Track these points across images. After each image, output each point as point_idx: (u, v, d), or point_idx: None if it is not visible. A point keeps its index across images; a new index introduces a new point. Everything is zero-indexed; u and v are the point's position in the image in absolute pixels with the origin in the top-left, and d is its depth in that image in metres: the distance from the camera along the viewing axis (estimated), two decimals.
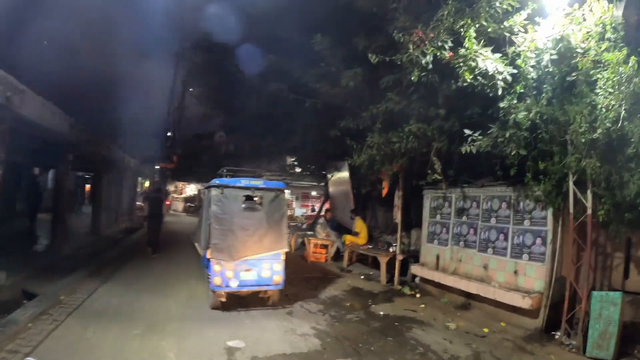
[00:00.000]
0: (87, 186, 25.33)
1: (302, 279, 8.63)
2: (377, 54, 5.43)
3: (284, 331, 5.43)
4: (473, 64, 4.96)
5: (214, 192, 6.16)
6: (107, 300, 6.34)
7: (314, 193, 25.04)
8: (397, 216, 8.74)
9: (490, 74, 5.06)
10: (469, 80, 4.99)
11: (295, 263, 10.60)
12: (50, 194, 11.52)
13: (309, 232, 12.84)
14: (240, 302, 6.43)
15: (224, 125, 31.99)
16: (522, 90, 5.23)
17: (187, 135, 28.19)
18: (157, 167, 23.79)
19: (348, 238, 10.42)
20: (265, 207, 6.32)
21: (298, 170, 16.61)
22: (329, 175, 13.07)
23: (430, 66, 5.12)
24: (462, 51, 4.95)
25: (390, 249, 9.02)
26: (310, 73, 7.52)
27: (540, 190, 5.84)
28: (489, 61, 5.00)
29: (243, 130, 13.36)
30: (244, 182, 6.37)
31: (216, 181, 6.41)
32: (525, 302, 5.87)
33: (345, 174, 11.24)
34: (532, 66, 5.32)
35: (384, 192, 8.83)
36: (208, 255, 6.02)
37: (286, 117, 9.96)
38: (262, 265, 6.17)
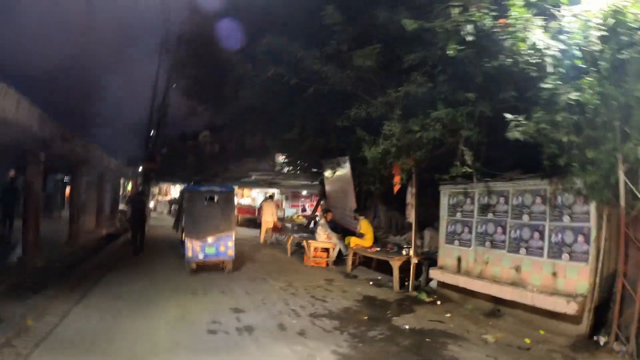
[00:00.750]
0: (68, 189, 23.78)
1: (306, 288, 7.70)
2: (404, 25, 4.53)
3: (300, 359, 4.47)
4: (522, 34, 4.13)
5: (186, 194, 9.18)
6: (83, 324, 5.25)
7: (304, 192, 24.05)
8: (411, 215, 7.91)
9: (540, 48, 4.24)
10: (522, 51, 4.15)
11: (294, 269, 9.65)
12: None
13: (305, 234, 11.94)
14: (205, 269, 8.73)
15: (211, 124, 30.75)
16: (578, 66, 4.42)
17: (171, 135, 26.87)
18: (139, 169, 22.47)
19: (353, 240, 9.53)
20: (220, 203, 8.89)
21: (289, 169, 15.59)
22: (325, 173, 12.14)
23: (471, 38, 4.26)
24: (510, 20, 4.11)
25: (403, 252, 8.17)
26: (315, 55, 6.55)
27: (584, 182, 5.10)
28: (539, 32, 4.18)
29: (232, 127, 12.28)
30: (205, 187, 9.71)
31: (187, 187, 9.75)
32: (570, 307, 5.08)
33: (346, 171, 10.34)
34: (579, 43, 4.55)
35: (396, 188, 7.96)
36: (182, 237, 8.92)
37: (284, 108, 8.99)
38: (219, 243, 8.57)
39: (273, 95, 8.46)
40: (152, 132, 17.30)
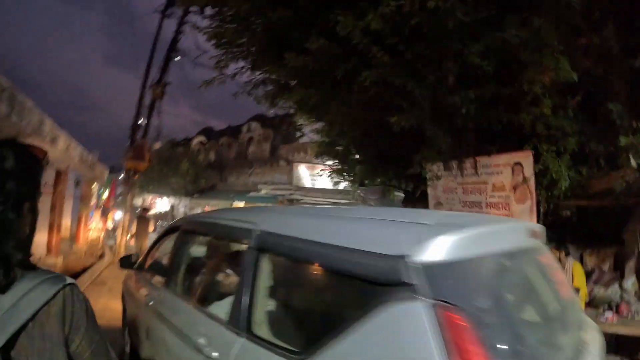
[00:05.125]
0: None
1: None
2: None
3: None
4: None
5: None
6: None
7: None
8: None
9: None
10: None
11: None
12: None
13: None
14: None
15: (206, 129, 25.29)
16: None
17: (162, 137, 21.29)
18: (121, 175, 16.89)
19: None
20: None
21: (338, 179, 10.54)
22: (432, 181, 7.10)
23: None
24: None
25: None
26: None
27: None
28: None
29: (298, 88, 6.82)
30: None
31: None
32: None
33: (519, 174, 5.38)
34: None
35: None
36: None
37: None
38: None
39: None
40: (141, 120, 11.96)
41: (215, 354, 1.78)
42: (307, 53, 4.92)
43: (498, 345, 1.24)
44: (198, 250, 3.07)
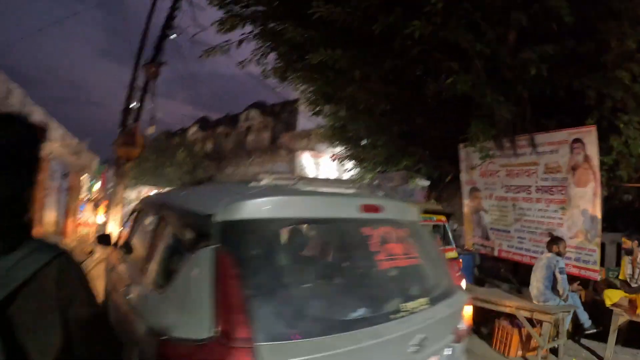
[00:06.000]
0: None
1: None
2: None
3: None
4: None
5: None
6: None
7: None
8: None
9: None
10: None
11: None
12: None
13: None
14: None
15: (202, 118, 24.08)
16: None
17: (156, 122, 20.15)
18: (106, 163, 15.85)
19: None
20: None
21: (352, 167, 9.81)
22: (463, 169, 6.22)
23: None
24: None
25: None
26: None
27: None
28: None
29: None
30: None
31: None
32: None
33: (581, 152, 4.52)
34: None
35: None
36: None
37: None
38: None
39: None
40: (135, 103, 10.91)
41: (134, 302, 2.40)
42: (337, 3, 3.98)
43: (255, 281, 1.66)
44: (144, 224, 3.59)
